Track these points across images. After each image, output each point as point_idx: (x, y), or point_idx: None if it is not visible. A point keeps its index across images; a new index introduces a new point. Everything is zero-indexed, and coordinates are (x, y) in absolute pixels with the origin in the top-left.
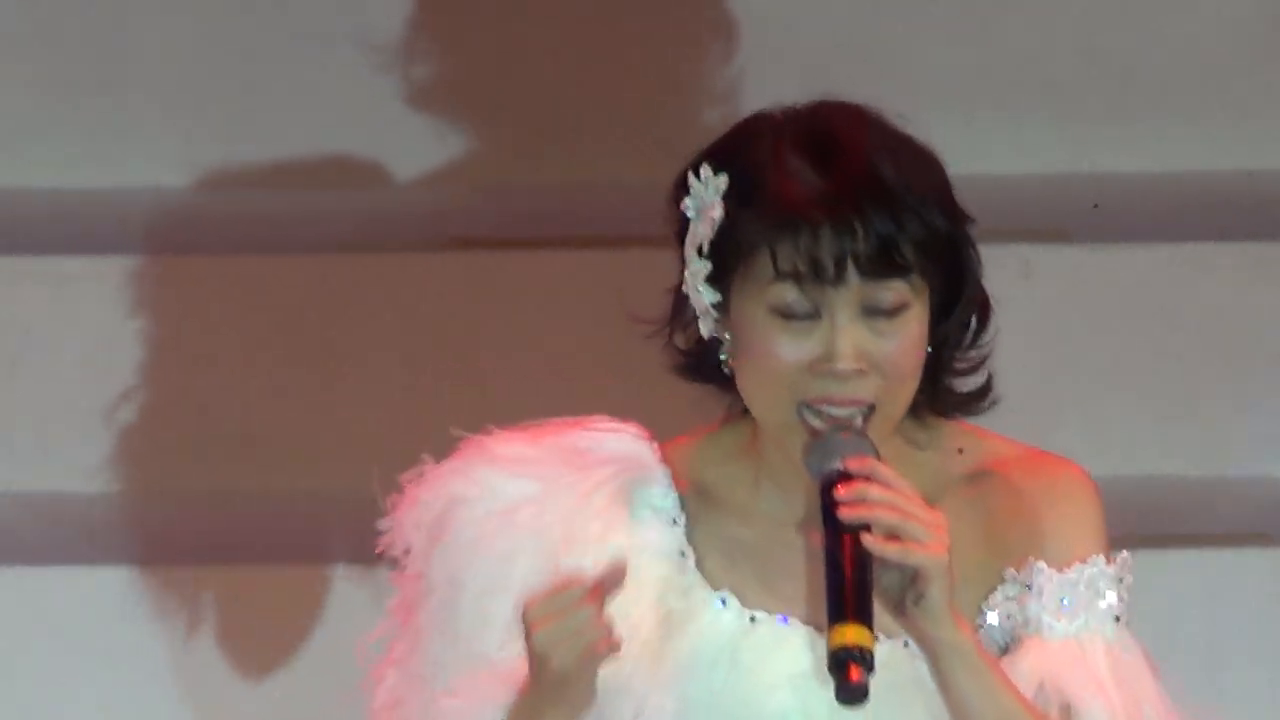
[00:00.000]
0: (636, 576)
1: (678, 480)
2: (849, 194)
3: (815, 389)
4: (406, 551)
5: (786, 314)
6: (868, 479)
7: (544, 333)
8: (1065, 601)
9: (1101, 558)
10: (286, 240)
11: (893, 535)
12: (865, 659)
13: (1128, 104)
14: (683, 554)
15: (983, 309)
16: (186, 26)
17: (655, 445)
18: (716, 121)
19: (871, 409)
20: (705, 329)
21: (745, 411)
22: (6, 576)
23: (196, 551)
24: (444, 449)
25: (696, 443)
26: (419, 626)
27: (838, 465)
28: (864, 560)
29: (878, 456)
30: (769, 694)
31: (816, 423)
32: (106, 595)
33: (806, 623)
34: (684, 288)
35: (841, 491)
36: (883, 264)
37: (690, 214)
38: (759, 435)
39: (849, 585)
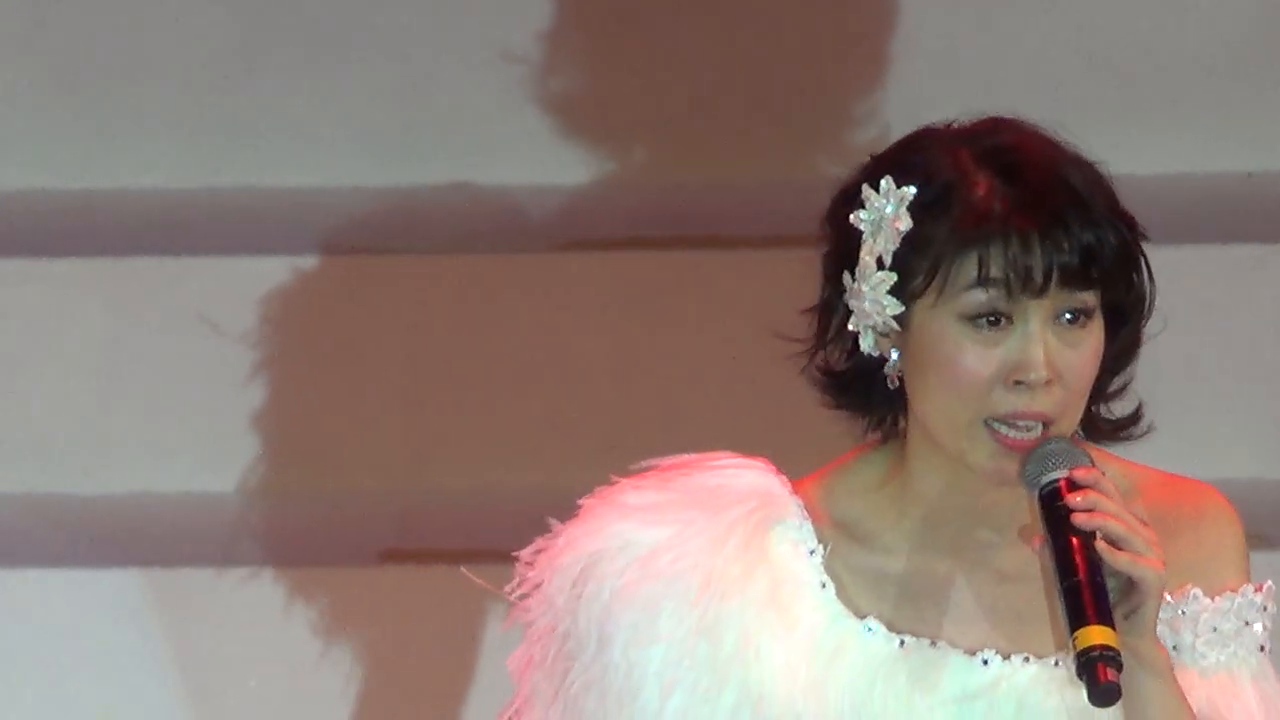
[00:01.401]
0: (784, 614)
1: (812, 511)
2: (1051, 202)
3: (1005, 404)
4: (544, 612)
5: (982, 322)
6: (1095, 488)
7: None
8: (1216, 630)
9: (1250, 587)
10: (287, 241)
11: (1117, 545)
12: (1114, 659)
13: (1127, 107)
14: (823, 585)
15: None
16: (190, 27)
17: (785, 478)
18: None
19: (1048, 424)
20: (867, 345)
21: (883, 440)
22: (3, 578)
23: (196, 554)
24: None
25: (826, 477)
26: (571, 686)
27: (1063, 473)
28: (1097, 564)
29: (1093, 465)
30: (928, 717)
31: (1004, 431)
32: (106, 598)
33: (954, 646)
34: (847, 301)
35: (1076, 498)
36: (1084, 274)
37: (864, 227)
38: (907, 464)
39: (1088, 588)
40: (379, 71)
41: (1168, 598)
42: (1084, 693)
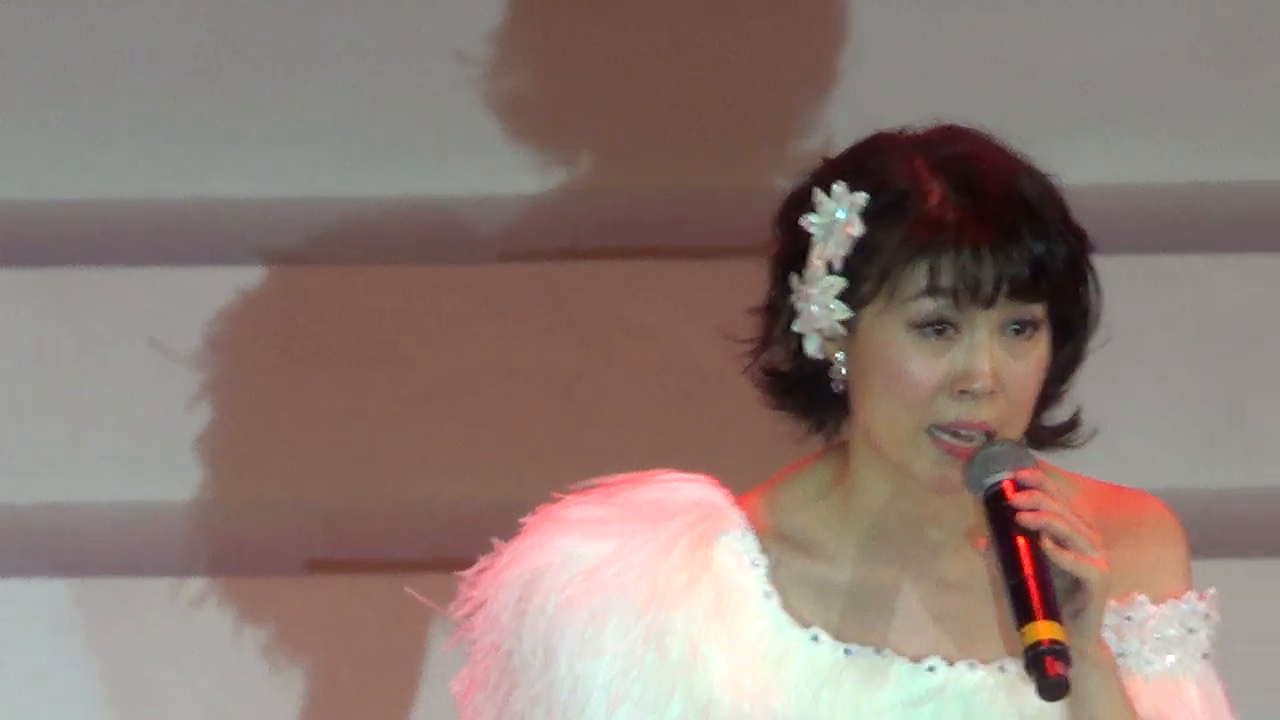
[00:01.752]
0: (729, 624)
1: (755, 523)
2: (1004, 214)
3: (949, 412)
4: (488, 630)
5: (929, 331)
6: (1039, 488)
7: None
8: (1161, 637)
9: (1194, 594)
10: (228, 251)
11: (1062, 545)
12: (1062, 652)
13: (1066, 118)
14: (766, 595)
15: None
16: (137, 36)
17: (728, 492)
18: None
19: (991, 435)
20: (811, 348)
21: (825, 447)
22: None
23: (122, 563)
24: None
25: (769, 490)
26: (515, 706)
27: (1007, 474)
28: (1043, 560)
29: (1037, 467)
30: None
31: (947, 439)
32: (30, 608)
33: (900, 654)
34: (794, 303)
35: (1020, 497)
36: (1032, 286)
37: (815, 230)
38: (850, 472)
39: (1034, 584)
40: (326, 83)
41: (1114, 604)
42: (1031, 697)
